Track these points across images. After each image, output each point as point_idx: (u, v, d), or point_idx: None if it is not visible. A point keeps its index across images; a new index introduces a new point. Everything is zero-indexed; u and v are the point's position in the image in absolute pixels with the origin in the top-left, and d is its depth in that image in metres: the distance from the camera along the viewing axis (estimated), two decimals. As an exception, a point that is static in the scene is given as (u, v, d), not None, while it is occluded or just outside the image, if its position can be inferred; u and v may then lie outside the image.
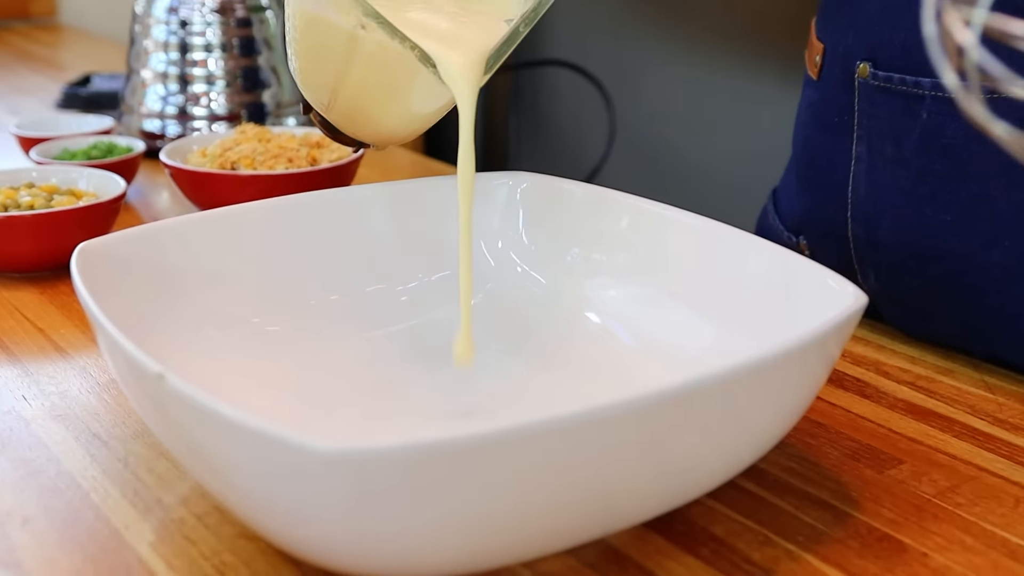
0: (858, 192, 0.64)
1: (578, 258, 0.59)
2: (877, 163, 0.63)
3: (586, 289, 0.58)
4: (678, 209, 0.56)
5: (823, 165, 0.68)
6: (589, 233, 0.60)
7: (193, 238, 0.56)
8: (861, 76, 0.63)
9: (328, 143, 0.87)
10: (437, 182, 0.62)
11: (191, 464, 0.43)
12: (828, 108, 0.67)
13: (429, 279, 0.61)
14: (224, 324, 0.55)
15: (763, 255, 0.53)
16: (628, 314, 0.57)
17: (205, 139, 0.90)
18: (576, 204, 0.61)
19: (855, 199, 0.65)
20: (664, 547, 0.46)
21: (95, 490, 0.50)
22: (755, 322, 0.51)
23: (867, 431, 0.56)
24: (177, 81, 1.07)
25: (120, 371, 0.45)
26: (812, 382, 0.46)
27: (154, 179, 1.03)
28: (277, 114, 1.09)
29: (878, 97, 0.62)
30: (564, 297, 0.59)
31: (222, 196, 0.82)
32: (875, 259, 0.65)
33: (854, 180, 0.65)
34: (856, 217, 0.65)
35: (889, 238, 0.63)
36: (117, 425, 0.56)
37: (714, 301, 0.54)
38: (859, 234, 0.65)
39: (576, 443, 0.38)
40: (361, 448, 0.35)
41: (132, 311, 0.51)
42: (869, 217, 0.64)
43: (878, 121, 0.63)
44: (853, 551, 0.46)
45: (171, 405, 0.40)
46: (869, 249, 0.65)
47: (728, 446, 0.44)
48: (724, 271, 0.54)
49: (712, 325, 0.53)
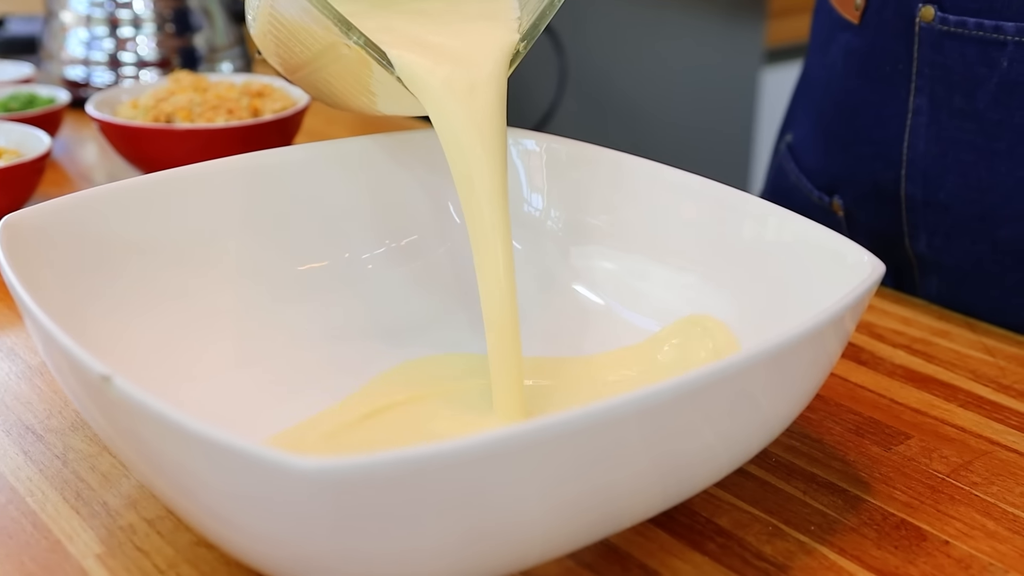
0: (915, 148, 0.59)
1: (559, 222, 0.54)
2: (941, 116, 0.58)
3: (573, 258, 0.53)
4: (676, 169, 0.51)
5: (868, 119, 0.62)
6: (576, 196, 0.55)
7: (133, 207, 0.50)
8: (924, 20, 0.57)
9: (271, 91, 0.81)
10: (402, 138, 0.57)
11: (143, 474, 0.38)
12: (875, 56, 0.61)
13: (398, 244, 0.55)
14: (171, 302, 0.50)
15: (772, 220, 0.48)
16: (622, 287, 0.52)
17: (136, 89, 0.83)
18: (562, 163, 0.55)
19: (911, 156, 0.60)
20: (667, 543, 0.43)
21: (31, 494, 0.45)
22: (767, 294, 0.47)
23: (868, 402, 0.52)
24: (102, 24, 1.00)
25: (58, 369, 0.40)
26: (827, 361, 0.42)
27: (79, 131, 0.96)
28: (211, 59, 1.03)
29: (947, 44, 0.56)
30: (547, 267, 0.54)
31: (157, 152, 0.76)
32: (932, 221, 0.60)
33: (911, 135, 0.59)
34: (912, 175, 0.60)
35: (953, 197, 0.58)
36: (52, 416, 0.51)
37: (721, 273, 0.49)
38: (914, 194, 0.60)
39: (583, 446, 0.34)
40: (345, 464, 0.30)
41: (66, 293, 0.46)
42: (929, 175, 0.59)
43: (945, 71, 0.57)
44: (870, 541, 0.43)
45: (121, 412, 0.35)
46: (926, 210, 0.60)
47: (740, 436, 0.40)
48: (730, 238, 0.50)
49: (722, 299, 0.49)
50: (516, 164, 0.55)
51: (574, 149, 0.55)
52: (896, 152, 0.60)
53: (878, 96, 0.61)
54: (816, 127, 0.69)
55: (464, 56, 0.47)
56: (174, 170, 0.52)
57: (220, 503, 0.34)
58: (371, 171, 0.56)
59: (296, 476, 0.30)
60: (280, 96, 0.81)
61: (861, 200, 0.64)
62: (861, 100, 0.62)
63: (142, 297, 0.49)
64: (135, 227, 0.50)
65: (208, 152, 0.75)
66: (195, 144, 0.75)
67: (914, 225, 0.61)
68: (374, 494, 0.31)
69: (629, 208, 0.53)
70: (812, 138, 0.69)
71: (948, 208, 0.58)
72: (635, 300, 0.52)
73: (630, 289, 0.52)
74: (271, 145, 0.76)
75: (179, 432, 0.32)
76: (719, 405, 0.37)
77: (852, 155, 0.64)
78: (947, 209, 0.59)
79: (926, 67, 0.58)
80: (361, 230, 0.55)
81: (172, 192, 0.52)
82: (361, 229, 0.55)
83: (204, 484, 0.34)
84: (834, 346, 0.42)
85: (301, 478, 0.30)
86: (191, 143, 0.75)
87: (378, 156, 0.56)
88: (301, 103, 0.80)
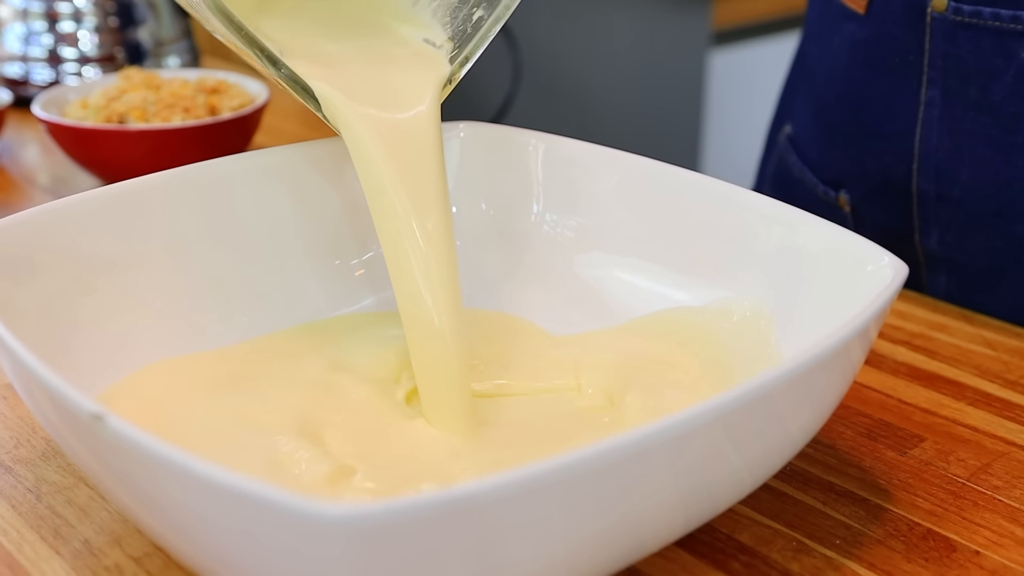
0: (928, 142, 0.57)
1: (556, 226, 0.52)
2: (955, 109, 0.56)
3: (576, 266, 0.51)
4: (676, 167, 0.49)
5: (877, 111, 0.60)
6: (570, 196, 0.52)
7: (105, 218, 0.47)
8: (936, 10, 0.55)
9: (227, 88, 0.78)
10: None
11: (136, 515, 0.35)
12: (883, 47, 0.59)
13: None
14: (150, 320, 0.47)
15: (787, 222, 0.46)
16: (628, 293, 0.49)
17: (84, 87, 0.79)
18: (550, 162, 0.53)
19: (924, 149, 0.58)
20: (690, 564, 0.40)
21: (5, 533, 0.42)
22: (787, 302, 0.45)
23: (876, 403, 0.51)
24: (40, 19, 0.95)
25: (37, 405, 0.36)
26: (852, 372, 0.40)
27: (20, 132, 0.91)
28: (157, 54, 0.98)
29: (961, 35, 0.54)
30: (546, 272, 0.52)
31: (111, 154, 0.72)
32: (945, 216, 0.58)
33: (923, 128, 0.57)
34: (924, 170, 0.58)
35: (968, 192, 0.56)
36: (20, 445, 0.47)
37: (734, 277, 0.47)
38: (926, 188, 0.58)
39: (610, 479, 0.32)
40: (370, 511, 0.28)
41: (39, 315, 0.43)
42: (942, 169, 0.57)
43: (959, 62, 0.55)
44: (899, 554, 0.41)
45: (115, 453, 0.32)
46: (939, 205, 0.58)
47: (766, 456, 0.38)
48: (743, 240, 0.47)
49: (738, 306, 0.46)
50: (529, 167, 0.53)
51: (577, 149, 0.52)
52: (907, 145, 0.58)
53: (887, 88, 0.59)
54: (817, 119, 0.67)
55: (390, 95, 0.46)
56: (145, 178, 0.48)
57: (229, 549, 0.31)
58: (347, 173, 0.53)
59: (317, 524, 0.28)
60: (237, 92, 0.77)
61: (869, 195, 0.62)
62: (868, 92, 0.61)
63: (123, 316, 0.46)
64: (105, 240, 0.47)
65: (165, 153, 0.71)
66: (151, 145, 0.71)
67: (925, 220, 0.59)
68: (402, 540, 0.29)
69: (635, 210, 0.50)
70: (814, 130, 0.67)
71: (962, 203, 0.57)
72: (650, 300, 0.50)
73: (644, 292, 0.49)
74: (231, 144, 0.74)
75: (185, 476, 0.29)
76: (744, 427, 0.35)
77: (859, 148, 0.62)
78: (961, 204, 0.57)
79: (939, 58, 0.56)
80: (343, 233, 0.53)
81: (143, 201, 0.48)
82: (343, 232, 0.53)
83: (210, 529, 0.31)
84: (859, 356, 0.40)
85: (323, 526, 0.28)
86: (147, 144, 0.71)
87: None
88: (260, 100, 0.77)
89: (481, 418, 0.43)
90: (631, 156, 0.50)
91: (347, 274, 0.52)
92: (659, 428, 0.32)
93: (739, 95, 1.80)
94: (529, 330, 0.50)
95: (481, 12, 0.48)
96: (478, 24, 0.47)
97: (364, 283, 0.52)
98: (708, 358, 0.45)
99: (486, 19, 0.47)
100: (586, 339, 0.48)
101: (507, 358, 0.48)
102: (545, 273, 0.51)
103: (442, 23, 0.49)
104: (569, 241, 0.51)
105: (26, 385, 0.36)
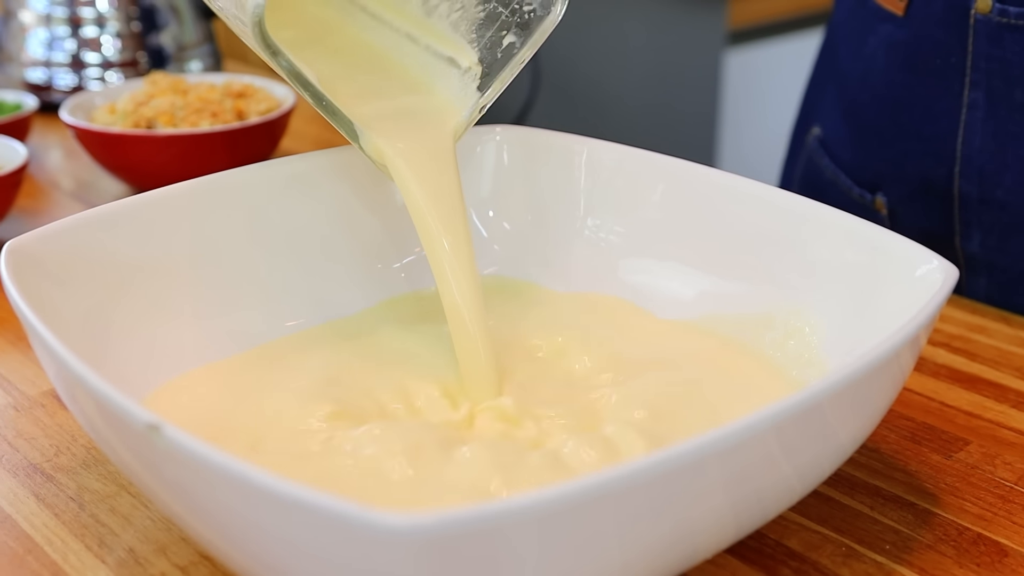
0: (971, 144, 0.57)
1: (598, 231, 0.51)
2: (1000, 111, 0.55)
3: (619, 271, 0.50)
4: (723, 172, 0.48)
5: (917, 113, 0.60)
6: (612, 201, 0.52)
7: (146, 224, 0.47)
8: (981, 12, 0.54)
9: (253, 92, 0.78)
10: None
11: (188, 524, 0.35)
12: (923, 48, 0.58)
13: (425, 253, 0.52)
14: (188, 326, 0.47)
15: (833, 226, 0.46)
16: (670, 298, 0.49)
17: (111, 92, 0.79)
18: (592, 166, 0.52)
19: (966, 152, 0.57)
20: (740, 570, 0.40)
21: (50, 542, 0.42)
22: (833, 306, 0.45)
23: (919, 406, 0.50)
24: (63, 24, 0.95)
25: (84, 414, 0.36)
26: (902, 379, 0.40)
27: (44, 137, 0.91)
28: (180, 58, 0.98)
29: (1007, 36, 0.54)
30: (587, 280, 0.51)
31: (139, 159, 0.72)
32: (988, 219, 0.58)
33: (966, 131, 0.57)
34: (967, 172, 0.58)
35: (1012, 195, 0.56)
36: (61, 453, 0.47)
37: (780, 282, 0.46)
38: (969, 191, 0.58)
39: (665, 488, 0.31)
40: (434, 521, 0.27)
41: (81, 323, 0.43)
42: (985, 172, 0.57)
43: (1004, 64, 0.54)
44: (950, 559, 0.41)
45: (170, 464, 0.32)
46: (981, 208, 0.58)
47: (816, 464, 0.38)
48: (788, 244, 0.47)
49: (782, 311, 0.46)
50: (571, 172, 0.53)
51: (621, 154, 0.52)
52: (949, 148, 0.58)
53: (927, 90, 0.58)
54: (849, 120, 0.66)
55: (420, 126, 0.47)
56: (190, 183, 0.48)
57: (285, 559, 0.31)
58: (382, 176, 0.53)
59: (387, 535, 0.27)
60: (264, 96, 0.77)
61: (908, 198, 0.62)
62: (908, 94, 0.60)
63: (156, 320, 0.46)
64: (143, 247, 0.47)
65: (193, 158, 0.71)
66: (180, 150, 0.71)
67: (967, 224, 0.59)
68: (463, 550, 0.28)
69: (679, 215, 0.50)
70: (845, 132, 0.66)
71: (1005, 206, 0.56)
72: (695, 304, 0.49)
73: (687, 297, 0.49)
74: (259, 148, 0.74)
75: (244, 486, 0.29)
76: (799, 437, 0.35)
77: (898, 151, 0.61)
78: (1004, 207, 0.57)
79: (982, 60, 0.55)
80: (381, 236, 0.52)
81: (180, 208, 0.48)
82: (381, 235, 0.52)
83: (267, 539, 0.31)
84: (909, 363, 0.39)
85: (393, 538, 0.27)
86: (175, 149, 0.71)
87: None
88: (287, 104, 0.76)
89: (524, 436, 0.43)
90: (676, 160, 0.49)
91: (385, 276, 0.52)
92: (713, 439, 0.31)
93: (755, 95, 1.80)
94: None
95: (513, 38, 0.47)
96: (509, 51, 0.46)
97: (403, 284, 0.52)
98: (753, 364, 0.45)
99: (518, 47, 0.46)
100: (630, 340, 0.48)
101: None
102: (588, 278, 0.51)
103: (467, 39, 0.48)
104: (613, 246, 0.51)
105: (73, 394, 0.36)
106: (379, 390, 0.45)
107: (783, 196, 0.47)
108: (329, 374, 0.46)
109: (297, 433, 0.42)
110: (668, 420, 0.42)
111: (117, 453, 0.36)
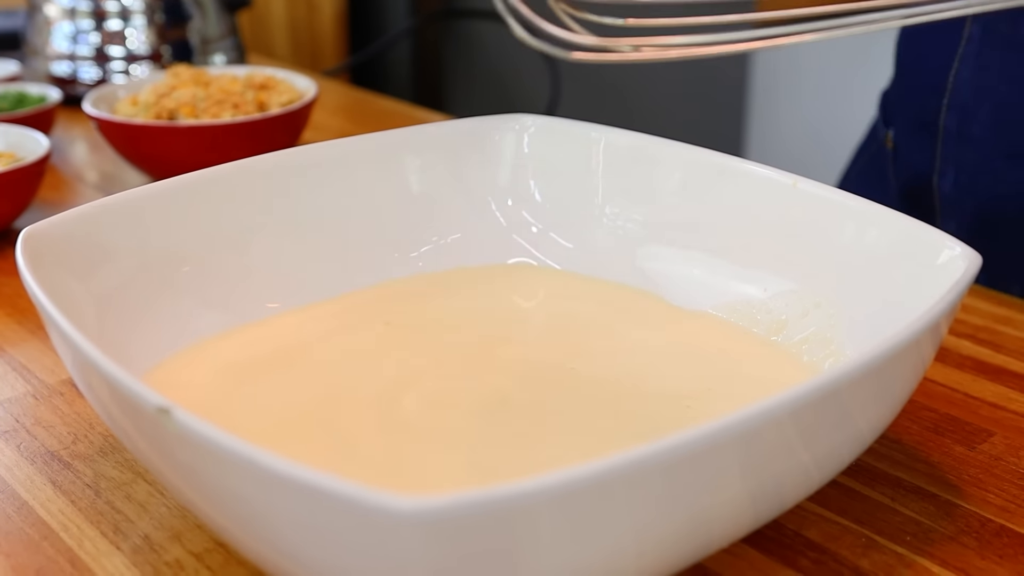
0: (961, 76, 0.57)
1: (616, 218, 0.51)
2: (987, 45, 0.55)
3: (639, 259, 0.50)
4: (741, 159, 0.48)
5: (926, 44, 0.60)
6: (631, 189, 0.51)
7: (165, 211, 0.47)
8: None
9: (275, 84, 0.78)
10: (435, 130, 0.53)
11: (201, 510, 0.34)
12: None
13: (444, 241, 0.52)
14: (208, 311, 0.46)
15: (854, 212, 0.45)
16: (690, 287, 0.48)
17: (133, 84, 0.79)
18: (611, 154, 0.52)
19: (956, 83, 0.57)
20: (758, 561, 0.40)
21: (66, 529, 0.42)
22: (854, 294, 0.44)
23: (942, 398, 0.50)
24: (88, 17, 0.96)
25: (98, 399, 0.36)
26: (923, 368, 0.39)
27: (68, 129, 0.92)
28: (204, 51, 0.99)
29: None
30: (606, 268, 0.51)
31: (161, 150, 0.72)
32: (960, 156, 0.57)
33: (960, 63, 0.57)
34: (953, 105, 0.58)
35: (986, 130, 0.55)
36: (78, 440, 0.47)
37: (800, 269, 0.46)
38: (950, 125, 0.58)
39: (682, 474, 0.31)
40: (445, 504, 0.27)
41: (97, 309, 0.43)
42: (968, 106, 0.57)
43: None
44: (972, 551, 0.40)
45: (180, 446, 0.31)
46: (958, 143, 0.58)
47: (835, 452, 0.37)
48: (808, 232, 0.46)
49: (807, 302, 0.45)
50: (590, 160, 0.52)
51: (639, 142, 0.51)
52: (942, 79, 0.58)
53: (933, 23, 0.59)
54: (895, 60, 0.67)
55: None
56: (209, 170, 0.48)
57: (297, 543, 0.31)
58: (401, 166, 0.53)
59: (398, 519, 0.27)
60: (285, 88, 0.77)
61: (906, 132, 0.62)
62: (915, 28, 0.60)
63: (175, 307, 0.46)
64: (161, 234, 0.47)
65: (214, 149, 0.71)
66: (201, 141, 0.71)
67: (945, 160, 0.59)
68: (474, 534, 0.28)
69: (699, 202, 0.50)
70: (893, 72, 0.67)
71: (980, 141, 0.56)
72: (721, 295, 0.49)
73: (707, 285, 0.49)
74: (279, 139, 0.73)
75: (254, 470, 0.29)
76: (817, 424, 0.34)
77: (908, 83, 0.62)
78: (979, 143, 0.56)
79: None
80: (401, 227, 0.52)
81: (197, 196, 0.48)
82: (401, 226, 0.52)
83: (278, 522, 0.31)
84: (930, 351, 0.39)
85: (403, 521, 0.27)
86: (197, 140, 0.71)
87: (422, 146, 0.53)
88: (308, 96, 0.76)
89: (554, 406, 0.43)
90: (695, 148, 0.49)
91: (403, 264, 0.52)
92: (729, 423, 0.31)
93: (783, 84, 1.78)
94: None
95: None
96: None
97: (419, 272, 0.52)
98: (772, 353, 0.44)
99: None
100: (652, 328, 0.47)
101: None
102: (606, 265, 0.51)
103: None
104: (631, 234, 0.51)
105: (87, 379, 0.36)
106: (385, 371, 0.45)
107: (802, 183, 0.46)
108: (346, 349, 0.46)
109: (315, 418, 0.42)
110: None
111: (131, 438, 0.36)
